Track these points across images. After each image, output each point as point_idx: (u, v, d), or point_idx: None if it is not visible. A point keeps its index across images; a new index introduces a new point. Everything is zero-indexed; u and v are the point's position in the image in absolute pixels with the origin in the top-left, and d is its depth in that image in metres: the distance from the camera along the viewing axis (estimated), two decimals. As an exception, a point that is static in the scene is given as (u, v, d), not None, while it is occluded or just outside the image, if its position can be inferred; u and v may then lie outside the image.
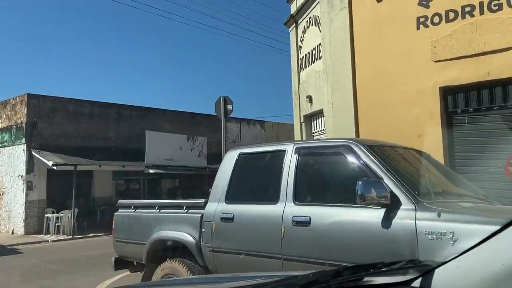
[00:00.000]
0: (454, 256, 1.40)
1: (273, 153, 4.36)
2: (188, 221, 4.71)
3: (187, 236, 4.63)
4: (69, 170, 17.41)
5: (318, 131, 10.06)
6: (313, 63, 9.76)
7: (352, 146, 3.72)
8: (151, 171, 19.56)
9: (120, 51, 67.33)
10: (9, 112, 19.36)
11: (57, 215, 17.76)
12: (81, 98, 20.36)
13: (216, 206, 4.52)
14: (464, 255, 1.38)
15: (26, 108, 18.45)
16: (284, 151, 4.18)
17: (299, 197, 3.89)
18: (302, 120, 10.44)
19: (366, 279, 1.56)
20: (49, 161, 17.14)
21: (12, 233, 18.52)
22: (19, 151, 18.63)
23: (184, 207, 4.87)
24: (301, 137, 10.47)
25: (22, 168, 18.35)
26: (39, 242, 16.39)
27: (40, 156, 17.75)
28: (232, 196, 4.47)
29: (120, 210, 5.89)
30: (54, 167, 16.83)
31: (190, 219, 4.73)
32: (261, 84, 73.93)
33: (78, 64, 64.84)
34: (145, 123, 22.08)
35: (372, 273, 1.60)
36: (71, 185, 18.32)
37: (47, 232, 17.82)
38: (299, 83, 10.58)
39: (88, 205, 20.22)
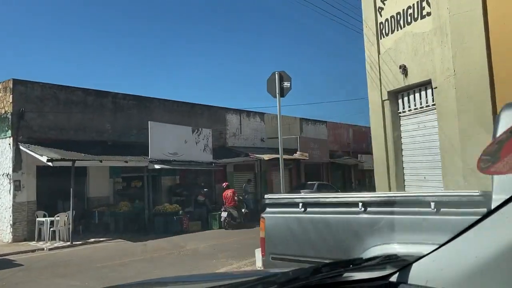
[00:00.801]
0: (431, 251, 1.43)
1: None
2: (452, 228, 2.80)
3: None
4: (62, 167, 15.02)
5: (411, 110, 8.30)
6: (409, 24, 7.97)
7: None
8: (156, 166, 17.36)
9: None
10: (-9, 101, 16.72)
11: (51, 218, 15.33)
12: (72, 85, 17.91)
13: None
14: (440, 249, 1.41)
15: (11, 95, 15.90)
16: None
17: None
18: (385, 98, 8.65)
19: (345, 275, 1.59)
20: (42, 156, 14.70)
21: (-3, 240, 15.96)
22: (4, 146, 16.06)
23: (432, 204, 2.91)
24: (383, 119, 8.68)
25: (8, 165, 15.81)
26: (33, 250, 13.98)
27: (30, 150, 15.27)
28: None
29: (269, 210, 3.86)
30: (50, 163, 14.40)
31: (454, 224, 2.80)
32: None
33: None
34: (143, 114, 19.86)
35: (351, 269, 1.64)
36: (62, 184, 15.98)
37: (39, 239, 15.39)
38: (379, 53, 8.78)
39: (83, 207, 17.78)
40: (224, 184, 18.47)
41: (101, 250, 13.75)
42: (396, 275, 1.53)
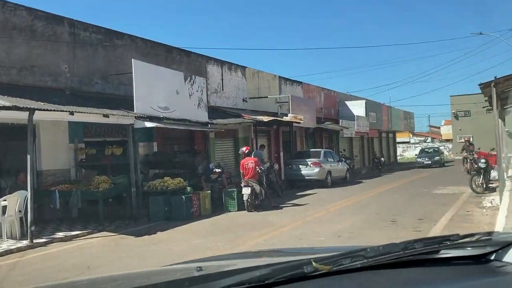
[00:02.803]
0: None
1: None
2: None
3: None
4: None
5: None
6: None
7: None
8: (148, 124, 11.96)
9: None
10: None
11: (-7, 203, 9.58)
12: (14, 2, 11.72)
13: None
14: None
15: None
16: None
17: None
18: None
19: (442, 252, 1.48)
20: (-21, 102, 8.82)
21: None
22: None
23: None
24: None
25: None
26: (-30, 258, 8.26)
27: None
28: None
29: None
30: (-5, 113, 8.62)
31: None
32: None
33: None
34: (110, 54, 14.24)
35: (447, 246, 1.50)
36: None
37: (-29, 237, 9.60)
38: None
39: (31, 185, 11.86)
40: (245, 148, 13.49)
41: (97, 252, 8.42)
42: (498, 253, 1.41)
